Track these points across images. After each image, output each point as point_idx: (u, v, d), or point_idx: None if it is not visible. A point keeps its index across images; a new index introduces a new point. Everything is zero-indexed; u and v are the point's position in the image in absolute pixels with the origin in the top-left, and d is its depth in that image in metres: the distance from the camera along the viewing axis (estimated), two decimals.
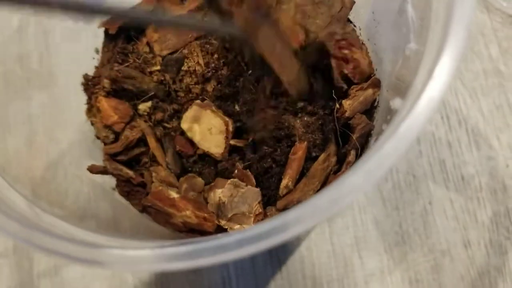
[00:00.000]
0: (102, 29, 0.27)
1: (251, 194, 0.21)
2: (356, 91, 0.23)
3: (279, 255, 0.30)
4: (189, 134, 0.23)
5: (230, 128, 0.23)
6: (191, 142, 0.23)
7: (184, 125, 0.23)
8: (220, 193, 0.21)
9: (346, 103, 0.22)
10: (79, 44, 0.29)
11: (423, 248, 0.29)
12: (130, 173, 0.23)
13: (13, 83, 0.26)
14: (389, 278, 0.29)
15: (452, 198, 0.30)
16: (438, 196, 0.30)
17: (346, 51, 0.23)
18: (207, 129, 0.23)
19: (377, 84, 0.23)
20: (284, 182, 0.22)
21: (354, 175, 0.12)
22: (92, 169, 0.23)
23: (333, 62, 0.23)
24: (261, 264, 0.30)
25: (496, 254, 0.28)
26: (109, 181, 0.24)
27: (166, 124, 0.24)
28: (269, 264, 0.30)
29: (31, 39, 0.27)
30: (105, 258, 0.12)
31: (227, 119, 0.23)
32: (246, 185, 0.21)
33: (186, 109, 0.24)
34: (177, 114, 0.24)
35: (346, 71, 0.23)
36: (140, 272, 0.29)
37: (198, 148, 0.23)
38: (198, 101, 0.23)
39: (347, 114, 0.22)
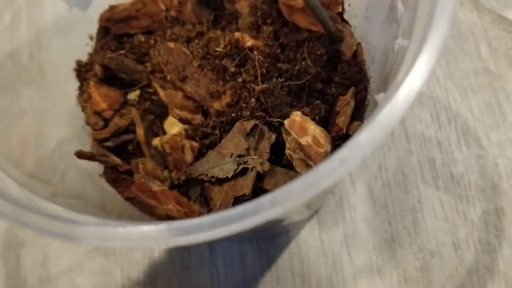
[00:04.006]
0: (97, 15, 0.27)
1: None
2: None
3: (268, 252, 0.30)
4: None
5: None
6: None
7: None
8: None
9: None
10: (71, 39, 0.29)
11: (412, 246, 0.29)
12: (117, 160, 0.23)
13: (4, 78, 0.26)
14: (378, 276, 0.29)
15: (441, 196, 0.30)
16: (427, 195, 0.30)
17: None
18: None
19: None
20: None
21: (329, 162, 0.12)
22: (80, 155, 0.23)
23: None
24: (250, 261, 0.30)
25: (484, 252, 0.28)
26: (98, 168, 0.24)
27: (153, 115, 0.24)
28: (258, 261, 0.30)
29: (23, 35, 0.27)
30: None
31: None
32: None
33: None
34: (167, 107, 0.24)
35: None
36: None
37: None
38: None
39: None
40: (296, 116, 0.21)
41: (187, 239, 0.11)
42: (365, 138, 0.12)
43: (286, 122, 0.21)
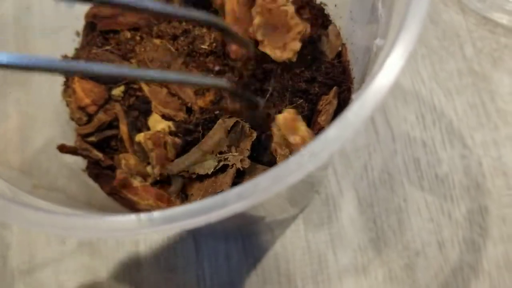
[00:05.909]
0: (83, 12, 0.27)
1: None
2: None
3: (254, 253, 0.30)
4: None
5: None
6: None
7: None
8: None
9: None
10: (58, 38, 0.29)
11: (397, 245, 0.29)
12: (100, 155, 0.23)
13: None
14: (364, 275, 0.29)
15: (426, 196, 0.30)
16: (412, 194, 0.30)
17: None
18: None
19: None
20: None
21: (298, 156, 0.12)
22: (62, 149, 0.23)
23: None
24: (236, 262, 0.30)
25: (469, 251, 0.29)
26: (82, 163, 0.24)
27: (137, 111, 0.24)
28: (244, 262, 0.30)
29: (10, 35, 0.28)
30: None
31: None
32: None
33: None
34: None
35: None
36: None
37: None
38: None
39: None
40: (289, 113, 0.21)
41: (155, 230, 0.11)
42: (334, 134, 0.12)
43: (279, 116, 0.21)
